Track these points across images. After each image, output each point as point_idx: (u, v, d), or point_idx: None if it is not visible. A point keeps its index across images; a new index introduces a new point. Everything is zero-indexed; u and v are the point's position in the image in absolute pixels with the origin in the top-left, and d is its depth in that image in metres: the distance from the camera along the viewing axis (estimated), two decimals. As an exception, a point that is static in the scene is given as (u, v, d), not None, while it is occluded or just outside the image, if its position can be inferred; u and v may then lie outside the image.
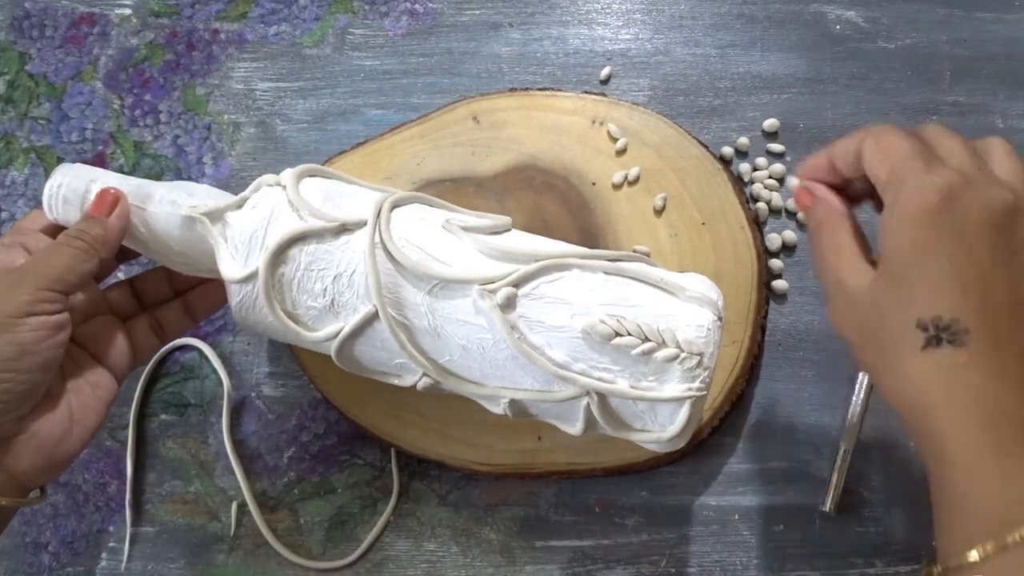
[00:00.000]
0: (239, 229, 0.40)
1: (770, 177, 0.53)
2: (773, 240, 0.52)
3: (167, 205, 0.41)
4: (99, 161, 0.56)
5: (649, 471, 0.49)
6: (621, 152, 0.53)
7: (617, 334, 0.38)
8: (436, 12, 0.58)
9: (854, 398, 0.49)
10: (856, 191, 0.38)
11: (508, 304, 0.38)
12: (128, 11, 0.59)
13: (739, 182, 0.53)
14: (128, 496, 0.50)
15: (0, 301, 0.36)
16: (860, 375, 0.49)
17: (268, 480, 0.51)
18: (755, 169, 0.54)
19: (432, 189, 0.52)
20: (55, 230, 0.41)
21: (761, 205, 0.53)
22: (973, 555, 0.28)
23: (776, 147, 0.54)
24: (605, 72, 0.56)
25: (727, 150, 0.54)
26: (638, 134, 0.53)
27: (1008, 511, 0.29)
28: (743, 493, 0.49)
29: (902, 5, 0.57)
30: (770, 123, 0.54)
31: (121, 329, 0.43)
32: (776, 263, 0.52)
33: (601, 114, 0.53)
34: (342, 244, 0.40)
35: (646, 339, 0.38)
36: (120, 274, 0.51)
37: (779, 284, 0.51)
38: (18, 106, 0.57)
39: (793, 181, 0.52)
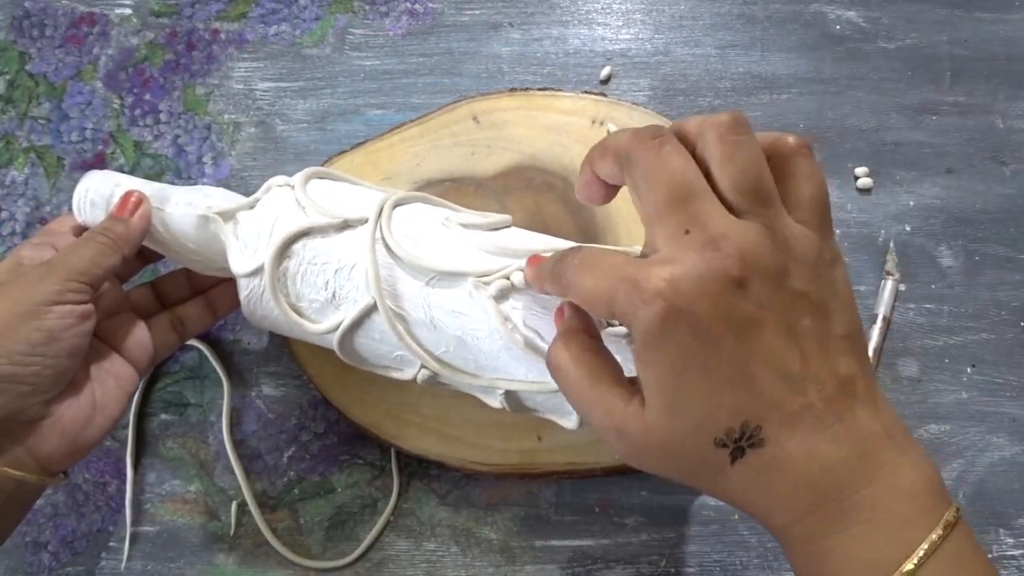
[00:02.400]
0: (249, 227, 0.42)
1: (770, 177, 0.53)
2: (773, 240, 0.52)
3: (184, 206, 0.43)
4: (99, 161, 0.56)
5: (649, 471, 0.49)
6: (621, 152, 0.52)
7: (609, 324, 0.38)
8: (436, 12, 0.58)
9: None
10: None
11: (502, 296, 0.39)
12: (128, 11, 0.59)
13: (739, 182, 0.53)
14: (128, 496, 0.50)
15: (31, 291, 0.38)
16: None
17: (268, 480, 0.51)
18: (755, 169, 0.53)
19: (432, 189, 0.52)
20: (82, 232, 0.43)
21: (761, 205, 0.52)
22: None
23: (776, 147, 0.54)
24: (605, 72, 0.56)
25: (727, 150, 0.54)
26: (638, 134, 0.52)
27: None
28: (743, 493, 0.49)
29: (902, 5, 0.57)
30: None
31: (142, 325, 0.45)
32: (776, 263, 0.52)
33: (601, 114, 0.53)
34: (344, 239, 0.41)
35: None
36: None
37: (779, 284, 0.51)
38: (18, 106, 0.57)
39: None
